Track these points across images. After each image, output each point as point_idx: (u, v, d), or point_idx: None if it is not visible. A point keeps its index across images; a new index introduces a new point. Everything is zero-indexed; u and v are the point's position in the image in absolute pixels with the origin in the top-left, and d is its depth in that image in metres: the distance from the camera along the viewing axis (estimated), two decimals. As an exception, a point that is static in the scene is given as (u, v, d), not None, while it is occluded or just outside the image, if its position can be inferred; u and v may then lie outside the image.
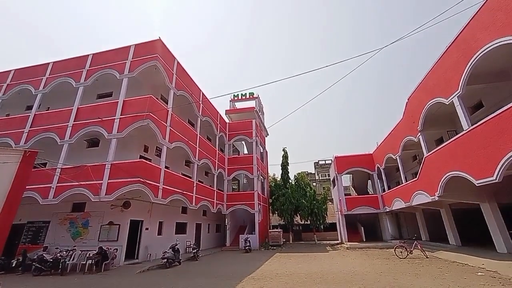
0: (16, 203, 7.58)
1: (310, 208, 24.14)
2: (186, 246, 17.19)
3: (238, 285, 7.65)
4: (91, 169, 11.69)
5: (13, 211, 7.54)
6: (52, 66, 15.87)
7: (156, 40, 14.49)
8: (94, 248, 11.28)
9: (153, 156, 15.28)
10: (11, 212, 7.42)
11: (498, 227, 11.02)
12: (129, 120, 12.57)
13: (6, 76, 16.61)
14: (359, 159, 23.80)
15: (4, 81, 16.41)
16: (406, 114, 15.62)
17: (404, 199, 16.57)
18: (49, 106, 15.97)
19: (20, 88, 15.87)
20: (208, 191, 18.79)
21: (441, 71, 11.29)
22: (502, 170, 8.06)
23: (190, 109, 17.59)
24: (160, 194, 12.51)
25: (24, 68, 16.65)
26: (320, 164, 50.52)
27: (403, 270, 9.19)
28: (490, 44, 8.26)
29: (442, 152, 11.74)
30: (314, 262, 12.16)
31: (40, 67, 16.14)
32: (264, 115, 32.50)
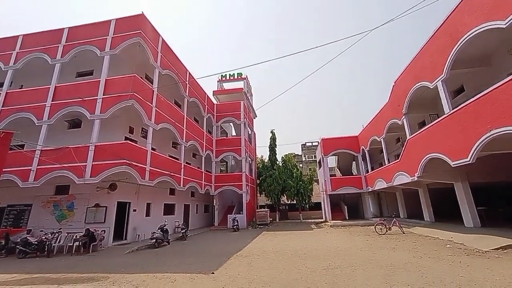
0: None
1: (296, 189, 24.87)
2: (174, 226, 17.45)
3: (227, 262, 7.96)
4: (74, 151, 11.32)
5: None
6: (23, 40, 14.63)
7: (139, 15, 13.59)
8: (80, 230, 11.24)
9: (139, 137, 14.92)
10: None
11: (468, 204, 11.92)
12: (113, 100, 12.07)
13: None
14: (344, 141, 24.36)
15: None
16: (392, 97, 15.93)
17: (386, 179, 17.36)
18: (22, 84, 14.96)
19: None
20: (196, 172, 18.81)
21: (428, 55, 11.44)
22: (476, 152, 8.56)
23: (176, 90, 17.05)
24: (147, 176, 12.41)
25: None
26: (307, 146, 51.43)
27: (382, 245, 9.84)
28: (476, 28, 8.38)
29: (424, 134, 12.22)
30: (299, 240, 12.75)
31: (9, 40, 14.82)
32: (253, 96, 32.11)
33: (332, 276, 5.90)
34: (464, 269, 5.95)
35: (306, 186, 25.31)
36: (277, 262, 7.76)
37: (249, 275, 6.31)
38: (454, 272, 5.77)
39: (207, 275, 6.53)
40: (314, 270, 6.56)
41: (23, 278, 6.90)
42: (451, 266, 6.27)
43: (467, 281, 5.13)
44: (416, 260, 7.03)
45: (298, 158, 49.45)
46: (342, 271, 6.29)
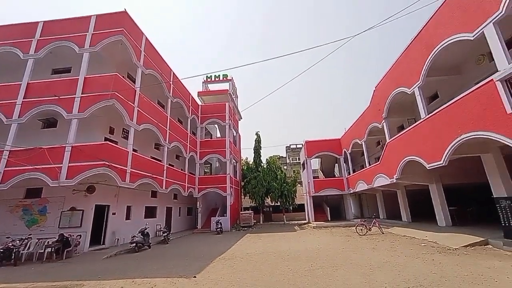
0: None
1: (281, 191, 25.07)
2: (156, 230, 17.01)
3: (209, 265, 7.85)
4: (48, 152, 10.74)
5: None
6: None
7: (121, 12, 13.20)
8: (54, 235, 10.63)
9: (120, 138, 14.43)
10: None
11: (441, 205, 12.64)
12: (92, 99, 11.59)
13: None
14: (327, 143, 24.91)
15: None
16: (373, 102, 16.52)
17: (367, 181, 17.93)
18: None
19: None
20: (179, 174, 18.44)
21: (406, 62, 12.01)
22: (448, 155, 9.08)
23: (160, 90, 16.67)
24: (127, 178, 12.00)
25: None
26: (291, 148, 52.02)
27: (362, 245, 10.13)
28: (448, 39, 8.92)
29: (402, 138, 12.78)
30: (282, 241, 12.84)
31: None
32: (238, 98, 32.09)
33: (314, 277, 5.99)
34: (437, 266, 6.26)
35: (290, 188, 25.58)
36: (260, 264, 7.76)
37: (232, 278, 6.27)
38: (427, 269, 6.05)
39: (189, 279, 6.40)
40: (296, 271, 6.63)
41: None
42: (425, 264, 6.57)
43: (439, 277, 5.40)
44: (393, 259, 7.30)
45: (283, 160, 49.93)
46: (323, 272, 6.41)
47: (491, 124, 7.22)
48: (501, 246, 7.85)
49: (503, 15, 6.85)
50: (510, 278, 5.14)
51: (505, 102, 6.71)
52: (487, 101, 7.29)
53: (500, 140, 7.00)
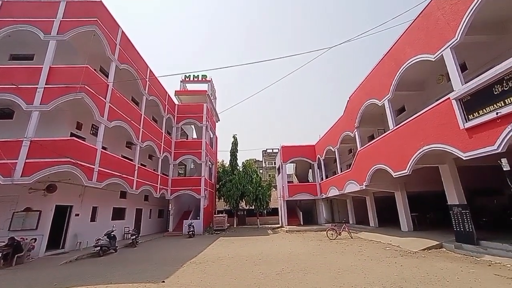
0: None
1: (255, 194, 25.13)
2: (124, 232, 16.15)
3: (179, 270, 7.60)
4: (0, 146, 9.74)
5: None
6: None
7: (96, 1, 12.51)
8: (3, 239, 9.57)
9: (88, 134, 13.56)
10: None
11: (404, 211, 13.53)
12: (58, 91, 10.77)
13: None
14: (303, 149, 25.54)
15: None
16: (346, 111, 17.31)
17: (339, 187, 18.65)
18: None
19: None
20: (151, 175, 17.73)
21: (378, 75, 12.79)
22: (412, 164, 9.79)
23: (135, 86, 15.98)
24: (95, 177, 11.27)
25: None
26: (267, 152, 52.56)
27: (332, 250, 10.48)
28: (413, 58, 9.71)
29: (372, 147, 13.53)
30: (255, 245, 12.85)
31: None
32: (216, 99, 31.84)
33: (285, 281, 6.07)
34: (398, 269, 6.68)
35: (265, 191, 25.74)
36: (232, 268, 7.69)
37: (202, 283, 6.14)
38: (390, 272, 6.43)
39: (157, 284, 6.16)
40: (267, 275, 6.67)
41: None
42: (388, 267, 6.97)
43: (400, 279, 5.77)
44: (360, 263, 7.65)
45: (259, 164, 50.20)
46: (294, 276, 6.52)
47: (447, 137, 7.96)
48: (453, 249, 8.63)
49: (458, 42, 7.67)
50: (459, 278, 5.64)
51: (458, 118, 7.46)
52: (445, 117, 8.04)
53: (453, 152, 7.74)
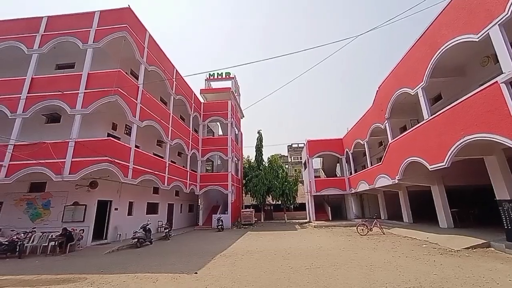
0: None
1: (282, 189, 25.12)
2: (158, 226, 17.11)
3: (210, 262, 7.90)
4: (51, 147, 10.82)
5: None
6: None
7: (124, 8, 13.21)
8: (57, 229, 10.74)
9: (123, 134, 14.50)
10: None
11: (443, 206, 12.61)
12: (95, 95, 11.65)
13: None
14: (329, 143, 24.87)
15: None
16: (375, 102, 16.46)
17: (369, 181, 17.91)
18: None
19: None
20: (181, 171, 18.52)
21: (410, 62, 11.94)
22: (451, 156, 9.04)
23: (162, 87, 16.71)
24: (130, 174, 12.07)
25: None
26: (293, 147, 52.02)
27: (363, 245, 10.15)
28: (452, 40, 8.85)
29: (404, 139, 12.74)
30: (283, 240, 12.89)
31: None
32: (240, 96, 32.09)
33: (314, 276, 6.02)
34: (438, 268, 6.26)
35: (291, 186, 25.62)
36: (261, 261, 7.81)
37: (233, 275, 6.31)
38: (428, 270, 6.06)
39: (190, 275, 6.46)
40: (297, 269, 6.66)
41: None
42: (426, 265, 6.58)
43: (440, 278, 5.41)
44: (394, 260, 7.31)
45: (284, 159, 49.97)
46: (324, 271, 6.43)
47: (495, 126, 7.17)
48: (503, 248, 7.82)
49: (509, 17, 6.78)
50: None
51: (509, 104, 6.65)
52: (491, 103, 7.24)
53: (503, 143, 6.96)
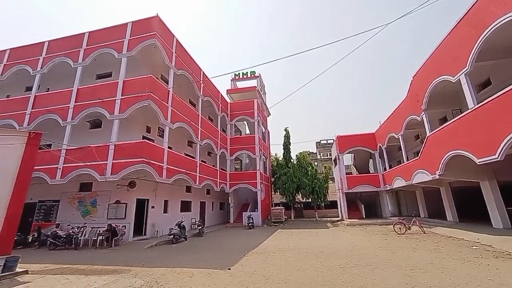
0: (26, 183, 7.85)
1: (312, 187, 24.64)
2: (191, 223, 17.85)
3: (242, 259, 8.05)
4: (95, 150, 11.84)
5: (24, 190, 7.82)
6: (48, 45, 15.45)
7: (153, 17, 13.94)
8: (103, 225, 11.78)
9: (156, 136, 15.36)
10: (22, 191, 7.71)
11: (496, 204, 11.26)
12: (130, 101, 12.48)
13: (2, 56, 16.22)
14: (361, 138, 23.78)
15: (0, 61, 16.09)
16: (410, 93, 15.33)
17: (405, 177, 16.79)
18: (48, 87, 15.79)
19: (18, 69, 15.55)
20: (211, 170, 19.10)
21: (449, 47, 10.90)
22: (505, 148, 8.06)
23: (191, 89, 17.36)
24: (164, 174, 12.76)
25: (19, 47, 16.22)
26: (322, 144, 50.70)
27: (401, 245, 9.55)
28: (504, 17, 7.87)
29: (445, 131, 11.69)
30: (315, 238, 12.64)
31: (36, 46, 15.70)
32: (266, 94, 32.05)
33: (349, 275, 5.81)
34: (493, 272, 5.63)
35: (321, 184, 25.02)
36: (293, 259, 7.75)
37: (265, 272, 6.35)
38: (481, 275, 5.48)
39: (224, 270, 6.64)
40: (330, 268, 6.50)
41: (55, 268, 7.37)
42: (478, 269, 5.96)
43: (497, 284, 4.86)
44: (438, 261, 6.76)
45: (313, 156, 48.91)
46: (359, 270, 6.18)
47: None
48: None
49: None
50: None
51: None
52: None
53: None
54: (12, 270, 6.62)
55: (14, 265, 6.74)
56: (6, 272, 6.47)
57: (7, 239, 7.20)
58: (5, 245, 7.10)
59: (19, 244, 11.16)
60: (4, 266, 6.50)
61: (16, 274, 6.63)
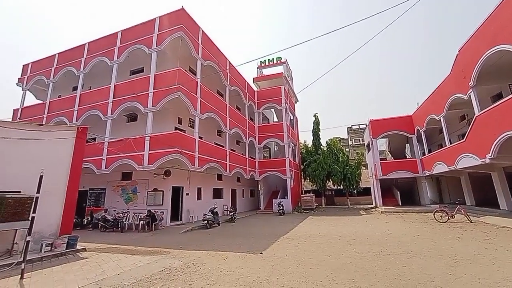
0: (78, 172, 8.81)
1: (343, 174, 23.92)
2: (223, 209, 18.58)
3: (274, 244, 8.20)
4: (133, 142, 12.73)
5: (77, 178, 8.80)
6: (88, 47, 16.68)
7: (179, 10, 14.17)
8: (143, 211, 12.80)
9: (187, 127, 15.98)
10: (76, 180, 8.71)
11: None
12: (162, 94, 13.05)
13: (52, 60, 17.99)
14: (396, 121, 22.21)
15: (51, 65, 17.84)
16: (455, 69, 13.77)
17: (448, 162, 15.43)
18: (90, 85, 17.18)
19: (66, 71, 17.13)
20: (240, 159, 19.47)
21: (508, 12, 9.44)
22: None
23: (218, 80, 17.58)
24: (196, 163, 13.32)
25: (66, 51, 17.80)
26: (353, 129, 48.41)
27: (443, 234, 8.93)
28: None
29: (500, 109, 10.36)
30: (347, 225, 12.38)
31: (78, 48, 17.08)
32: (293, 80, 31.24)
33: (385, 263, 5.62)
34: (554, 265, 5.03)
35: (353, 170, 24.14)
36: (325, 246, 7.70)
37: (297, 257, 6.41)
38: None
39: (256, 254, 6.84)
40: (364, 255, 6.34)
41: (106, 247, 8.30)
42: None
43: (558, 278, 4.34)
44: (488, 252, 6.20)
45: (344, 142, 47.08)
46: (396, 258, 5.94)
47: None
48: None
49: None
50: None
51: None
52: None
53: None
54: (73, 247, 7.67)
55: (75, 243, 7.80)
56: (69, 249, 7.55)
57: (67, 221, 8.30)
58: (66, 226, 8.22)
59: (77, 226, 12.68)
60: (67, 244, 7.57)
61: (77, 251, 7.64)
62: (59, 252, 7.25)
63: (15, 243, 6.87)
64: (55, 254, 7.11)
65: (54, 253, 7.13)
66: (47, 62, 18.33)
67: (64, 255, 7.23)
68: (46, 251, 7.12)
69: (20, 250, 6.53)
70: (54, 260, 6.78)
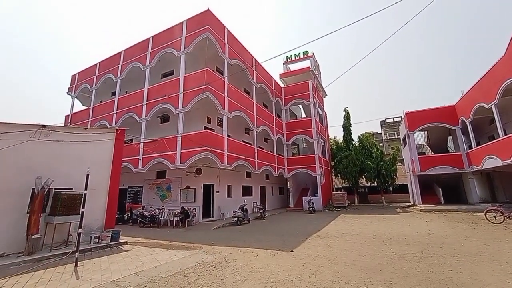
0: (118, 171, 9.53)
1: (377, 170, 22.67)
2: (253, 207, 18.76)
3: (305, 242, 8.07)
4: (166, 142, 13.39)
5: (118, 177, 9.52)
6: (124, 54, 17.90)
7: (205, 11, 14.50)
8: (177, 208, 13.43)
9: (216, 126, 16.36)
10: (117, 178, 9.42)
11: None
12: (191, 95, 13.51)
13: (94, 69, 19.69)
14: (436, 113, 20.33)
15: (93, 74, 19.54)
16: (510, 50, 12.17)
17: (502, 156, 13.75)
18: (126, 90, 18.43)
19: (105, 78, 18.61)
20: (268, 156, 19.46)
21: None
22: None
23: (244, 78, 17.70)
24: (225, 161, 13.60)
25: (105, 60, 19.33)
26: (387, 123, 45.54)
27: (497, 236, 8.01)
28: None
29: None
30: (382, 224, 11.72)
31: (116, 56, 18.41)
32: (321, 74, 30.26)
33: (427, 265, 5.20)
34: None
35: (388, 166, 22.74)
36: (359, 245, 7.37)
37: (329, 256, 6.23)
38: None
39: (287, 252, 6.79)
40: (402, 256, 5.94)
41: (145, 241, 8.89)
42: None
43: None
44: (554, 257, 5.42)
45: (378, 136, 44.55)
46: (439, 261, 5.47)
47: None
48: None
49: None
50: None
51: None
52: None
53: None
54: (116, 240, 8.34)
55: (117, 236, 8.47)
56: (113, 242, 8.23)
57: (110, 216, 9.06)
58: (110, 220, 8.98)
59: (119, 221, 13.72)
60: (111, 237, 8.27)
61: (120, 243, 8.29)
62: (105, 244, 7.94)
63: (70, 235, 7.70)
64: (102, 246, 7.81)
65: (101, 245, 7.84)
66: (90, 71, 20.09)
67: (109, 247, 7.90)
68: (94, 243, 7.87)
69: (73, 241, 7.29)
70: (101, 251, 7.45)
